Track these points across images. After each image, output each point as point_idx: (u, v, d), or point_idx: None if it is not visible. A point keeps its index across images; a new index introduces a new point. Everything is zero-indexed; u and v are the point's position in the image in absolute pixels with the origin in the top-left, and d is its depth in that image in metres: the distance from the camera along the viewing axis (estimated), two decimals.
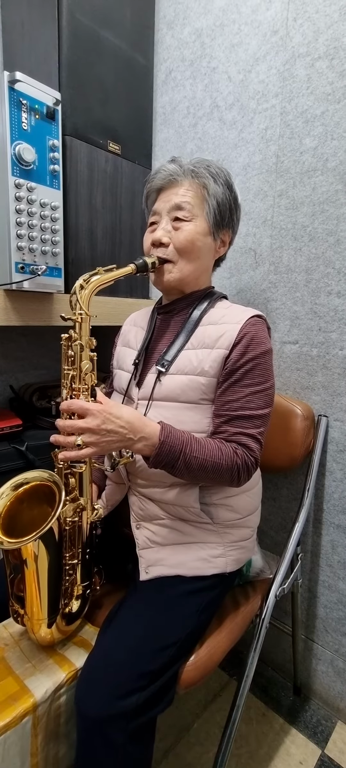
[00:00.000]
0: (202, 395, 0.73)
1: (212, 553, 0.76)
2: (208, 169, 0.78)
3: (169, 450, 0.67)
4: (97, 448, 0.65)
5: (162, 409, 0.75)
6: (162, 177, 0.80)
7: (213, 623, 0.77)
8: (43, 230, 0.94)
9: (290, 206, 1.00)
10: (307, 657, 1.11)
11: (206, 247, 0.79)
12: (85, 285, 0.71)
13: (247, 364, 0.71)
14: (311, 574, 1.07)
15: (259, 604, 0.86)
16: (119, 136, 1.16)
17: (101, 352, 0.74)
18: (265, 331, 0.75)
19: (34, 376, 1.38)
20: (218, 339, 0.73)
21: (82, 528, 0.73)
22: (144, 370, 0.81)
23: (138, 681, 0.63)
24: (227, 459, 0.69)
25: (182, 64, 1.19)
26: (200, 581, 0.75)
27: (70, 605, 0.72)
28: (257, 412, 0.71)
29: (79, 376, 0.70)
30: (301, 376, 1.03)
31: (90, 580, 0.76)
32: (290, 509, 1.09)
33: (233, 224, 0.82)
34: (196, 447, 0.68)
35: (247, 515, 0.81)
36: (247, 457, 0.70)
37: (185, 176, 0.78)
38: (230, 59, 1.08)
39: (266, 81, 1.01)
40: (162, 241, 0.77)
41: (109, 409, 0.65)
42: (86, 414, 0.65)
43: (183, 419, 0.73)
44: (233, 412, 0.71)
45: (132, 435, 0.66)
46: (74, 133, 1.05)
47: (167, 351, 0.78)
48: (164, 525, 0.76)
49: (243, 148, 1.07)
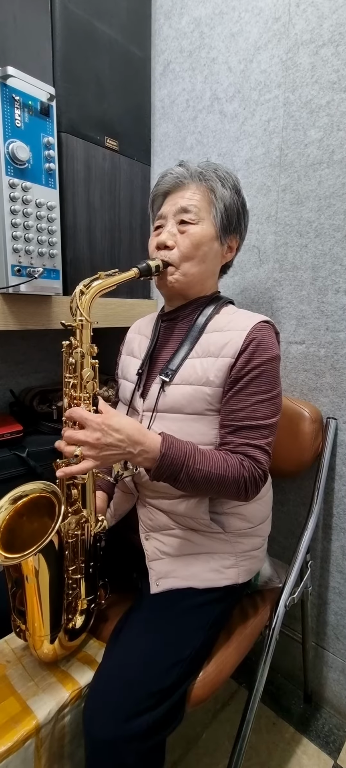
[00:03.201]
0: (208, 406, 0.71)
1: (223, 564, 0.74)
2: (215, 172, 0.75)
3: (171, 462, 0.64)
4: (96, 461, 0.63)
5: (167, 421, 0.72)
6: (169, 180, 0.77)
7: (221, 636, 0.74)
8: (40, 231, 0.91)
9: (295, 201, 0.96)
10: (317, 665, 1.08)
11: (212, 252, 0.76)
12: (86, 290, 0.69)
13: (253, 371, 0.68)
14: (321, 581, 1.04)
15: (268, 615, 0.83)
16: (117, 132, 1.12)
17: (102, 355, 0.71)
18: (272, 337, 0.72)
19: (34, 380, 1.36)
20: (224, 347, 0.71)
21: (85, 541, 0.70)
22: (148, 380, 0.79)
23: (148, 701, 0.60)
24: (233, 471, 0.66)
25: (180, 56, 1.16)
26: (211, 593, 0.72)
27: (74, 620, 0.70)
28: (264, 421, 0.68)
29: (80, 384, 0.68)
30: (308, 377, 0.99)
31: (95, 594, 0.73)
32: (299, 514, 1.06)
33: (240, 230, 0.80)
34: (199, 459, 0.65)
35: (258, 524, 0.79)
36: (254, 469, 0.67)
37: (192, 179, 0.76)
38: (230, 49, 1.04)
39: (268, 71, 0.97)
40: (167, 244, 0.75)
41: (108, 422, 0.63)
42: (85, 425, 0.63)
43: (189, 431, 0.71)
44: (239, 422, 0.68)
45: (131, 448, 0.63)
46: (70, 130, 1.02)
47: (171, 360, 0.75)
48: (175, 535, 0.74)
49: (245, 141, 1.04)
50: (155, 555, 0.74)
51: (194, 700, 0.67)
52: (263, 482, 0.69)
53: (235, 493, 0.68)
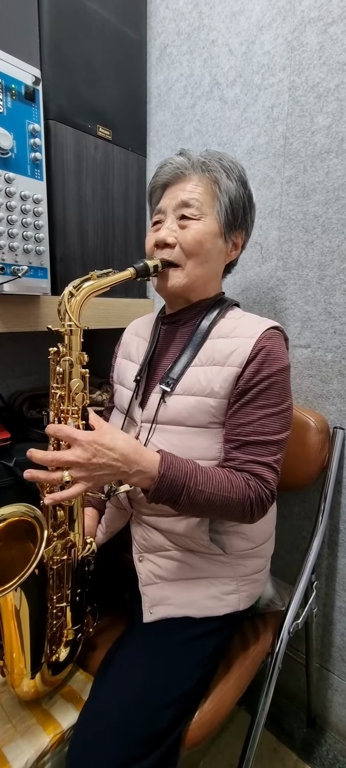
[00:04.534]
0: (211, 418, 0.65)
1: (223, 590, 0.68)
2: (220, 162, 0.68)
3: (171, 483, 0.58)
4: (88, 483, 0.57)
5: (168, 434, 0.66)
6: (168, 171, 0.70)
7: (220, 667, 0.69)
8: (25, 226, 0.84)
9: (301, 194, 0.89)
10: (322, 687, 1.02)
11: (215, 250, 0.70)
12: (76, 292, 0.62)
13: (261, 383, 0.62)
14: (326, 599, 0.98)
15: (270, 641, 0.77)
16: (110, 120, 1.05)
17: (95, 355, 0.65)
18: (283, 345, 0.66)
19: (25, 383, 1.29)
20: (230, 355, 0.64)
21: (72, 565, 0.64)
22: (147, 388, 0.73)
23: (138, 748, 0.55)
24: (238, 492, 0.60)
25: (177, 38, 1.08)
26: (209, 623, 0.66)
27: (58, 653, 0.64)
28: (273, 437, 0.62)
29: (68, 395, 0.61)
30: (314, 383, 0.93)
31: (82, 621, 0.67)
32: (303, 528, 1.00)
33: (246, 225, 0.73)
34: (201, 479, 0.59)
35: (261, 543, 0.73)
36: (261, 489, 0.61)
37: (193, 170, 0.69)
38: (230, 29, 0.97)
39: (272, 52, 0.90)
40: (167, 242, 0.68)
41: (100, 440, 0.56)
42: (74, 444, 0.56)
43: (191, 445, 0.65)
44: (245, 437, 0.62)
45: (126, 468, 0.57)
46: (59, 117, 0.95)
47: (172, 367, 0.69)
48: (171, 557, 0.68)
49: (247, 129, 0.97)
50: (149, 579, 0.68)
51: (189, 743, 0.61)
52: (270, 503, 0.63)
53: (239, 516, 0.62)
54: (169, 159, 0.71)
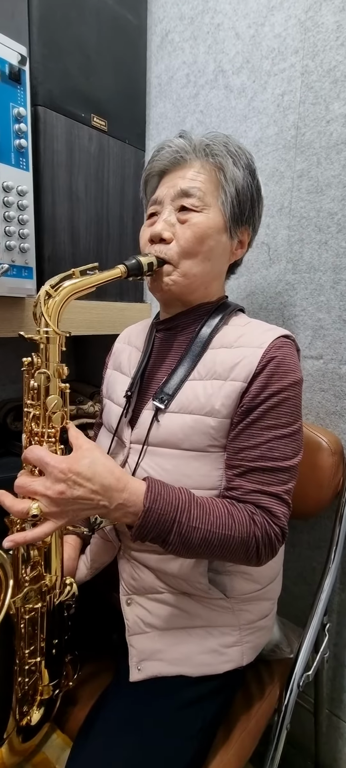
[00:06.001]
0: (211, 441, 0.56)
1: (224, 642, 0.58)
2: (226, 146, 0.60)
3: (158, 519, 0.49)
4: (60, 521, 0.48)
5: (159, 458, 0.57)
6: (166, 156, 0.62)
7: (219, 733, 0.59)
8: (8, 220, 0.75)
9: (314, 189, 0.81)
10: (331, 736, 0.92)
11: (219, 247, 0.61)
12: (54, 293, 0.53)
13: (270, 399, 0.54)
14: (338, 639, 0.88)
15: (276, 696, 0.68)
16: (105, 110, 0.97)
17: (88, 363, 0.56)
18: (294, 356, 0.57)
19: (12, 391, 1.21)
20: (234, 368, 0.56)
21: (47, 613, 0.55)
22: (139, 404, 0.64)
23: None
24: (241, 528, 0.51)
25: (180, 23, 1.01)
26: (207, 683, 0.57)
27: (30, 715, 0.54)
28: (284, 463, 0.54)
29: (43, 415, 0.52)
30: (326, 398, 0.84)
31: (60, 675, 0.58)
32: (312, 558, 0.90)
33: (253, 221, 0.65)
34: (196, 513, 0.50)
35: (267, 584, 0.64)
36: (268, 525, 0.52)
37: (195, 154, 0.60)
38: (237, 11, 0.89)
39: (284, 35, 0.82)
40: (163, 236, 0.59)
41: (76, 467, 0.47)
42: (46, 470, 0.47)
43: (187, 471, 0.56)
44: (251, 462, 0.53)
45: (106, 501, 0.48)
46: (49, 104, 0.87)
47: (167, 381, 0.60)
48: (163, 601, 0.59)
49: (254, 119, 0.88)
50: (138, 627, 0.58)
51: None
52: (279, 543, 0.54)
53: (243, 558, 0.53)
54: (167, 141, 0.62)
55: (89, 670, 0.65)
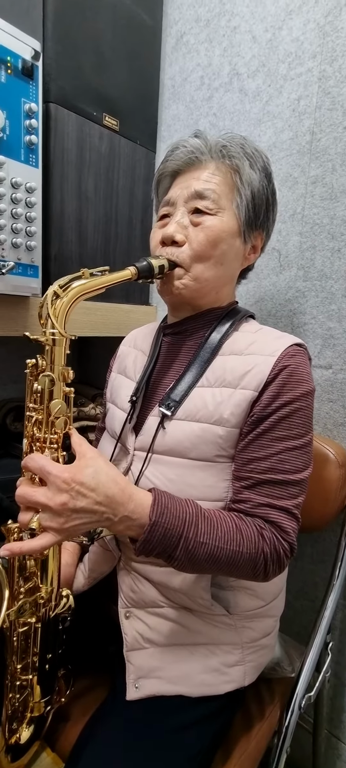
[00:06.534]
0: (219, 450, 0.54)
1: (226, 660, 0.56)
2: (243, 148, 0.58)
3: (165, 533, 0.47)
4: (60, 535, 0.45)
5: (164, 466, 0.56)
6: (180, 156, 0.60)
7: (217, 756, 0.57)
8: (15, 217, 0.74)
9: (328, 196, 0.79)
10: (330, 757, 0.90)
11: (232, 252, 0.60)
12: (62, 293, 0.51)
13: (282, 409, 0.52)
14: (339, 657, 0.86)
15: (277, 716, 0.65)
16: (117, 110, 0.96)
17: (91, 364, 0.54)
18: (307, 365, 0.56)
19: (13, 391, 1.19)
20: (244, 376, 0.54)
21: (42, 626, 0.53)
22: (144, 410, 0.62)
23: None
24: (250, 545, 0.49)
25: (196, 25, 0.99)
26: (207, 704, 0.55)
27: (19, 732, 0.52)
28: (294, 476, 0.52)
29: (46, 420, 0.50)
30: (334, 409, 0.82)
31: (51, 692, 0.56)
32: (315, 572, 0.88)
33: (267, 225, 0.63)
34: (203, 528, 0.48)
35: (271, 600, 0.62)
36: (277, 541, 0.50)
37: (211, 156, 0.59)
38: (255, 15, 0.88)
39: (302, 39, 0.81)
40: (175, 239, 0.58)
41: (79, 476, 0.45)
42: (48, 480, 0.45)
43: (192, 482, 0.54)
44: (260, 474, 0.52)
45: (111, 514, 0.46)
46: (61, 101, 0.86)
47: (175, 387, 0.58)
48: (164, 616, 0.57)
49: (269, 123, 0.87)
50: (136, 643, 0.56)
51: None
52: (288, 559, 0.52)
53: (250, 574, 0.51)
54: (182, 141, 0.61)
55: (82, 684, 0.63)
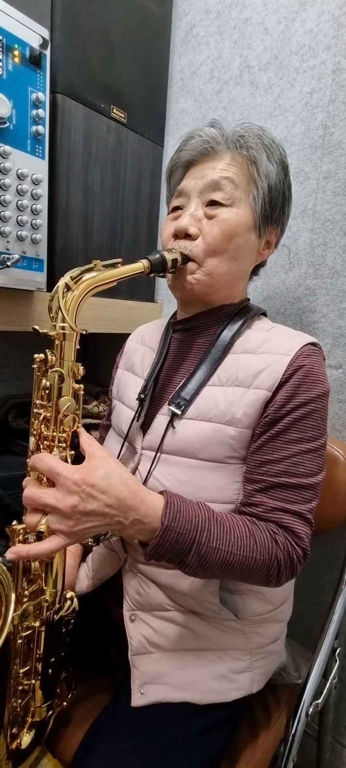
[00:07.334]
0: (230, 452, 0.52)
1: (234, 667, 0.55)
2: (261, 139, 0.56)
3: (177, 538, 0.45)
4: (69, 538, 0.44)
5: (173, 467, 0.54)
6: (195, 146, 0.58)
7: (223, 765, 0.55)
8: (21, 209, 0.73)
9: (341, 191, 0.77)
10: (335, 764, 0.88)
11: (247, 247, 0.58)
12: (74, 285, 0.50)
13: (297, 410, 0.50)
14: (345, 662, 0.84)
15: (283, 724, 0.64)
16: (126, 102, 0.95)
17: (94, 361, 0.52)
18: (323, 365, 0.54)
19: (15, 387, 1.18)
20: (258, 375, 0.52)
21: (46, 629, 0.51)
22: (152, 408, 0.60)
23: None
24: (263, 550, 0.47)
25: (206, 17, 0.98)
26: (214, 712, 0.53)
27: (20, 737, 0.51)
28: (309, 479, 0.50)
29: (54, 417, 0.48)
30: (344, 409, 0.80)
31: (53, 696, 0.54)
32: (321, 576, 0.86)
33: (283, 220, 0.61)
34: (216, 532, 0.47)
35: (280, 605, 0.60)
36: (291, 547, 0.49)
37: (227, 146, 0.57)
38: (267, 6, 0.86)
39: (315, 30, 0.79)
40: (188, 232, 0.56)
41: (90, 478, 0.44)
42: (57, 482, 0.44)
43: (203, 483, 0.52)
44: (274, 477, 0.50)
45: (122, 517, 0.45)
46: (68, 92, 0.84)
47: (185, 385, 0.57)
48: (170, 620, 0.55)
49: (280, 117, 0.85)
50: (142, 647, 0.55)
51: None
52: (301, 565, 0.50)
53: (263, 580, 0.50)
54: (197, 130, 0.59)
55: (85, 688, 0.61)
